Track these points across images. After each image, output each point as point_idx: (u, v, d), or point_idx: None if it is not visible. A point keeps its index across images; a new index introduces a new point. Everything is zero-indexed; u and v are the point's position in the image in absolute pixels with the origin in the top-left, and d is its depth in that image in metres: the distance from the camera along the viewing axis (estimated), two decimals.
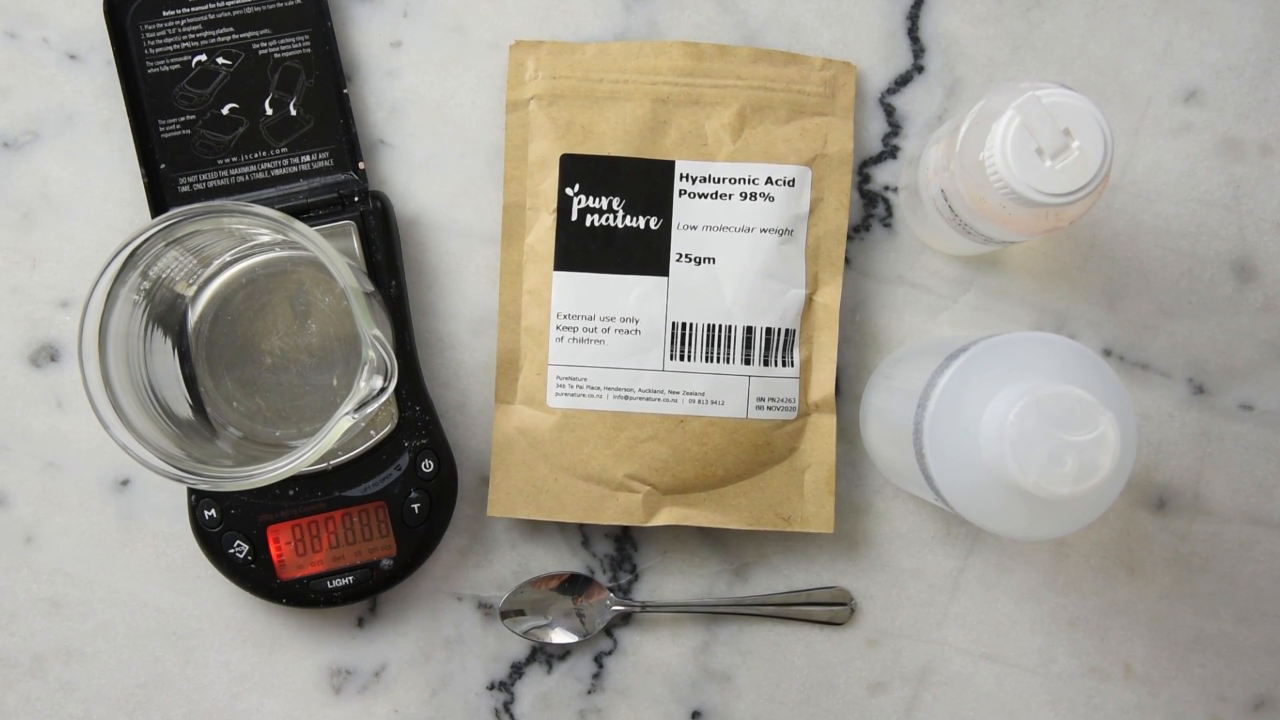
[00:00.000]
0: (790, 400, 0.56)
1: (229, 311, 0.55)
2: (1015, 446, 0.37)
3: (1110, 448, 0.37)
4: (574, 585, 0.57)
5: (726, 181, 0.55)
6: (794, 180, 0.55)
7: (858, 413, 0.57)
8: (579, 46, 0.56)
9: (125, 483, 0.57)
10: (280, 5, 0.55)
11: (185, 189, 0.55)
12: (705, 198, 0.55)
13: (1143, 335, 0.57)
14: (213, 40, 0.55)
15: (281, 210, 0.48)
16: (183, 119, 0.55)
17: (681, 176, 0.55)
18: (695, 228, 0.55)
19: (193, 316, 0.54)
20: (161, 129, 0.55)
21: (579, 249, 0.55)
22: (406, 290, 0.55)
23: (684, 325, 0.55)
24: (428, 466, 0.54)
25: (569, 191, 0.55)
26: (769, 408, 0.55)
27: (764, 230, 0.55)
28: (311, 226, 0.49)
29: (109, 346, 0.48)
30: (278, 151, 0.55)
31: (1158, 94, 0.57)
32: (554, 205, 0.55)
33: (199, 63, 0.55)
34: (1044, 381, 0.39)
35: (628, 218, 0.55)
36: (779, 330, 0.55)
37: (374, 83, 0.57)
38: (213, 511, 0.54)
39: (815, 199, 0.56)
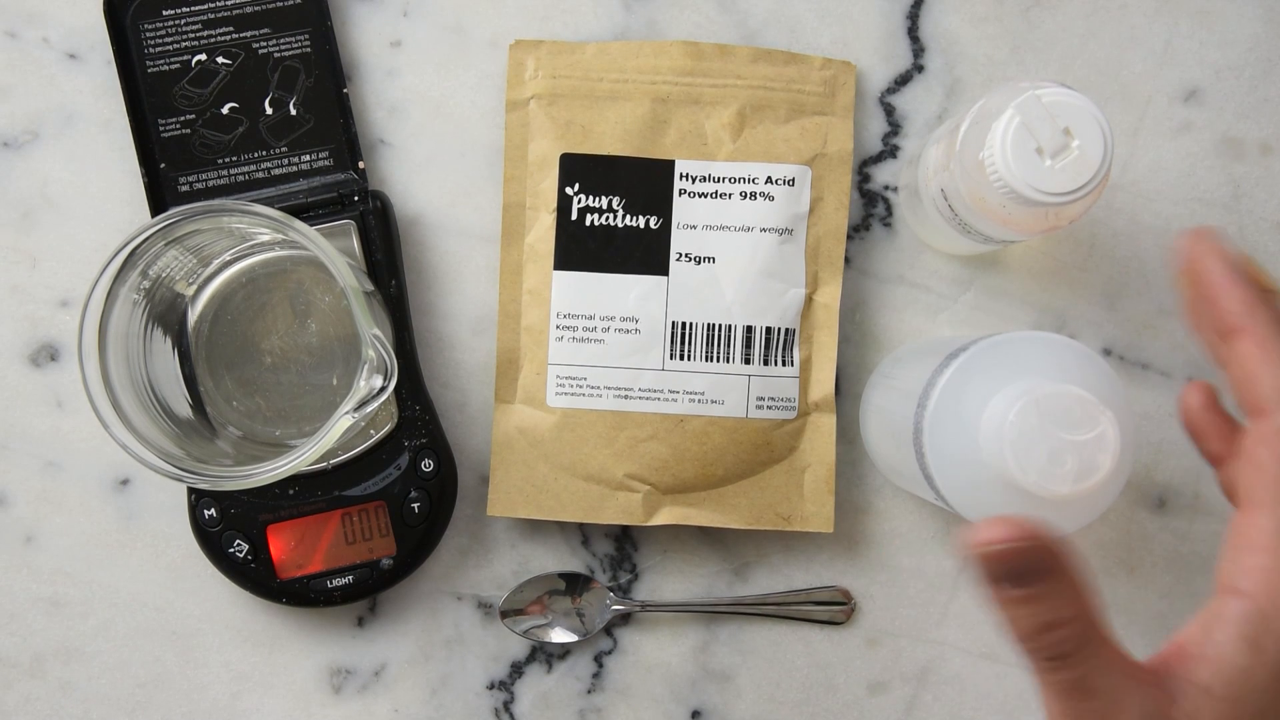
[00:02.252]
0: (790, 400, 0.56)
1: (229, 311, 0.55)
2: (1015, 446, 0.37)
3: (1110, 447, 0.37)
4: (574, 585, 0.57)
5: (726, 181, 0.55)
6: (794, 180, 0.56)
7: (858, 412, 0.57)
8: (579, 46, 0.56)
9: (125, 483, 0.57)
10: (280, 5, 0.55)
11: (185, 188, 0.55)
12: (705, 197, 0.55)
13: (1143, 335, 0.57)
14: (213, 40, 0.55)
15: (281, 210, 0.48)
16: (183, 118, 0.55)
17: (681, 176, 0.55)
18: (695, 227, 0.55)
19: (193, 316, 0.54)
20: (161, 128, 0.55)
21: (579, 248, 0.55)
22: (406, 290, 0.55)
23: (684, 325, 0.55)
24: (428, 466, 0.55)
25: (569, 191, 0.55)
26: (769, 407, 0.55)
27: (764, 230, 0.55)
28: (311, 226, 0.49)
29: (109, 346, 0.48)
30: (278, 151, 0.55)
31: (1158, 94, 0.57)
32: (554, 205, 0.55)
33: (199, 62, 0.55)
34: (1044, 381, 0.39)
35: (628, 217, 0.55)
36: (779, 330, 0.55)
37: (374, 82, 0.57)
38: (213, 511, 0.54)
39: (815, 198, 0.56)
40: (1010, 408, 0.38)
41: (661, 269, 0.55)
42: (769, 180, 0.55)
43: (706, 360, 0.55)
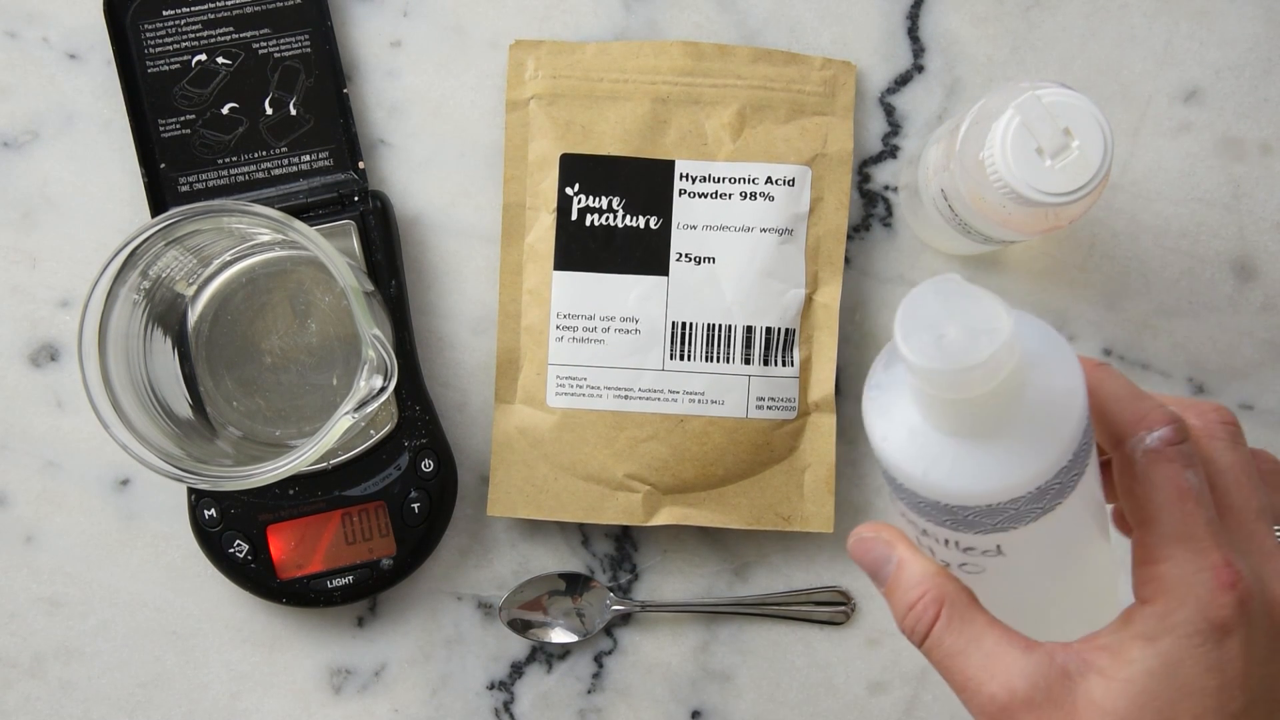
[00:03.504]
0: (790, 400, 0.56)
1: (229, 311, 0.55)
2: (904, 323, 0.35)
3: (1000, 338, 0.35)
4: (574, 585, 0.57)
5: (726, 181, 0.55)
6: (794, 180, 0.56)
7: (859, 412, 0.57)
8: (579, 46, 0.56)
9: (125, 483, 0.57)
10: (280, 5, 0.55)
11: (185, 188, 0.55)
12: (705, 197, 0.55)
13: (1143, 335, 0.57)
14: (213, 40, 0.55)
15: (281, 210, 0.48)
16: (183, 119, 0.55)
17: (681, 176, 0.55)
18: (695, 227, 0.55)
19: (193, 316, 0.54)
20: (161, 129, 0.55)
21: (579, 248, 0.55)
22: (406, 290, 0.55)
23: (684, 325, 0.55)
24: (428, 466, 0.55)
25: (569, 191, 0.55)
26: (769, 407, 0.55)
27: (764, 230, 0.55)
28: (311, 226, 0.49)
29: (109, 346, 0.48)
30: (278, 151, 0.55)
31: (1158, 94, 0.57)
32: (554, 205, 0.55)
33: (199, 62, 0.55)
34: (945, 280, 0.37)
35: (628, 217, 0.55)
36: (779, 330, 0.55)
37: (374, 83, 0.57)
38: (213, 511, 0.54)
39: (815, 198, 0.56)
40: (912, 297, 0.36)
41: (661, 269, 0.55)
42: (769, 180, 0.55)
43: (706, 360, 0.55)
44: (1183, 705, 0.35)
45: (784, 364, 0.56)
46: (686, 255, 0.55)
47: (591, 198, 0.55)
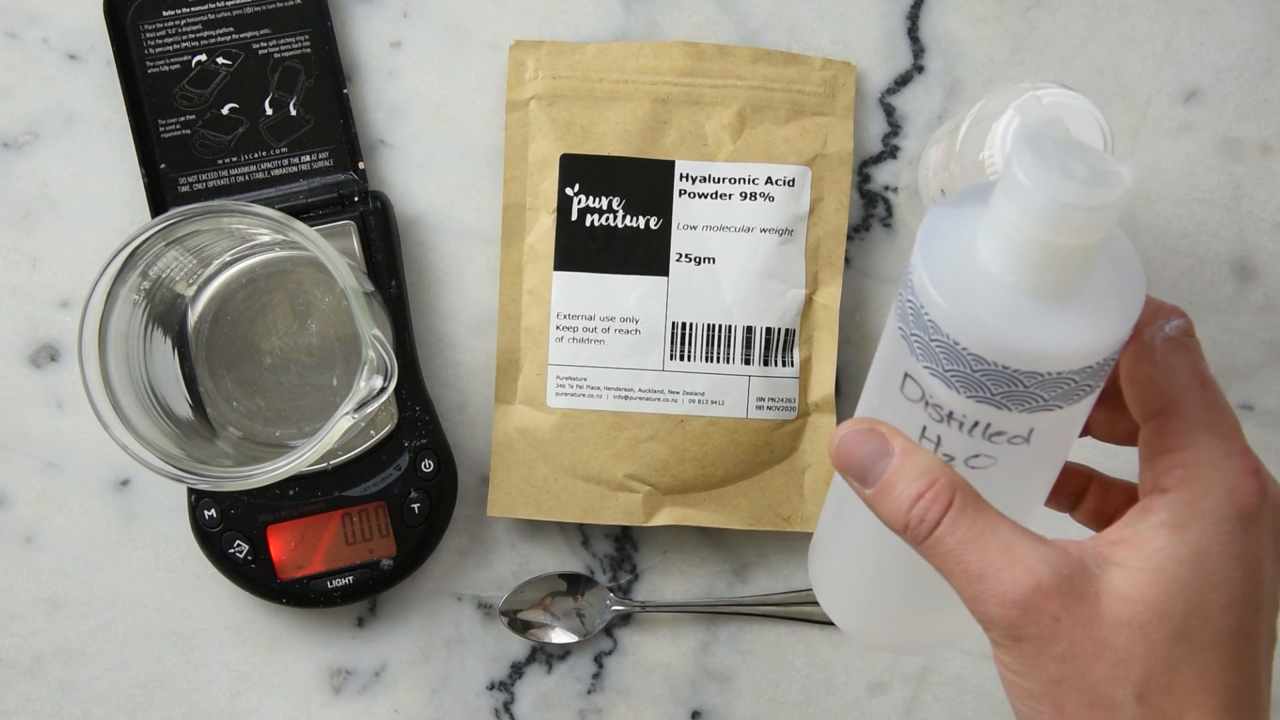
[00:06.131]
0: (790, 400, 0.56)
1: (229, 311, 0.55)
2: (1027, 157, 0.34)
3: (1127, 180, 0.34)
4: (574, 585, 0.57)
5: (726, 181, 0.55)
6: (794, 180, 0.56)
7: (860, 413, 0.57)
8: (579, 46, 0.56)
9: (125, 483, 0.57)
10: (280, 5, 0.55)
11: (185, 189, 0.55)
12: (705, 198, 0.55)
13: None
14: (213, 40, 0.55)
15: (281, 210, 0.48)
16: (183, 119, 0.55)
17: (681, 176, 0.55)
18: (695, 228, 0.55)
19: (193, 316, 0.54)
20: (161, 129, 0.55)
21: (579, 249, 0.55)
22: (406, 290, 0.55)
23: (684, 325, 0.55)
24: (428, 466, 0.55)
25: (569, 191, 0.55)
26: (769, 407, 0.55)
27: (764, 230, 0.55)
28: (311, 226, 0.49)
29: (109, 346, 0.48)
30: (278, 151, 0.55)
31: (1158, 94, 0.57)
32: (554, 205, 0.55)
33: (199, 63, 0.55)
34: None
35: (628, 218, 0.55)
36: (779, 330, 0.55)
37: (374, 83, 0.57)
38: (213, 511, 0.54)
39: (815, 199, 0.56)
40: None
41: (661, 269, 0.55)
42: (769, 181, 0.55)
43: (706, 361, 0.55)
44: (1211, 596, 0.34)
45: (784, 364, 0.56)
46: (686, 255, 0.55)
47: (591, 198, 0.55)
